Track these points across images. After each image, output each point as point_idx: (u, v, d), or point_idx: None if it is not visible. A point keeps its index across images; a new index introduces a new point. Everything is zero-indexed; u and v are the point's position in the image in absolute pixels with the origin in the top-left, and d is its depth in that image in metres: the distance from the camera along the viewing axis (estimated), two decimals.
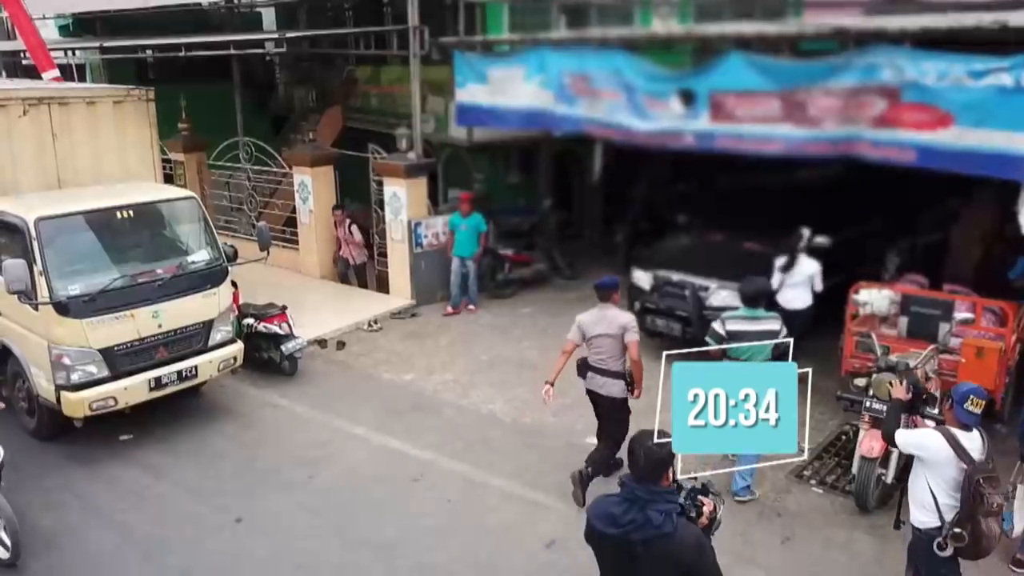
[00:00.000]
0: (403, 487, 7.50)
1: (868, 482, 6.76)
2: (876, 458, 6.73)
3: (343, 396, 9.46)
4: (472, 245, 11.91)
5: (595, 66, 10.32)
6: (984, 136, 7.48)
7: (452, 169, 15.66)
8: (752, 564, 6.32)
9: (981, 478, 4.71)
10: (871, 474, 6.75)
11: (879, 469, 6.81)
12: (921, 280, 8.95)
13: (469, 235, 11.89)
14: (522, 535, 6.73)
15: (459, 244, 11.89)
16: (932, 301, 7.60)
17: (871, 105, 8.23)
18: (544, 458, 8.01)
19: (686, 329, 9.97)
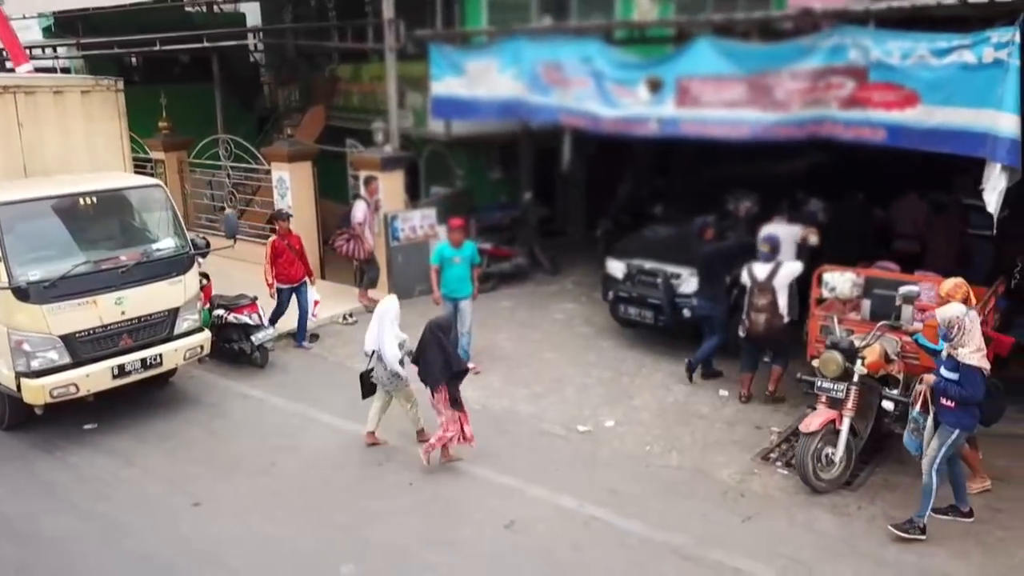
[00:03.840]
0: (367, 472, 7.45)
1: (805, 457, 6.72)
2: (814, 432, 6.69)
3: (314, 386, 9.39)
4: (468, 282, 9.55)
5: (567, 55, 10.31)
6: (950, 114, 7.47)
7: (433, 165, 15.63)
8: (711, 543, 6.25)
9: None
10: (808, 448, 6.71)
11: (828, 448, 6.78)
12: (891, 266, 8.89)
13: (463, 269, 9.49)
14: (482, 516, 6.67)
15: (450, 282, 9.48)
16: (894, 284, 7.54)
17: (839, 86, 8.22)
18: (513, 443, 7.96)
19: (658, 317, 9.93)
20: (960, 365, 5.85)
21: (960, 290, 6.30)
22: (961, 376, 5.84)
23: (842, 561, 6.05)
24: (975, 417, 6.04)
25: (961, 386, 5.86)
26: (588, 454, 7.74)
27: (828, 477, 6.81)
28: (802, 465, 6.73)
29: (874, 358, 6.69)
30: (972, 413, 6.00)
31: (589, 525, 6.54)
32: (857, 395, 6.69)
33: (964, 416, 5.98)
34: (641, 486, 7.14)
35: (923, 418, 6.19)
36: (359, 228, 11.76)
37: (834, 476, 6.81)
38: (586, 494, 6.95)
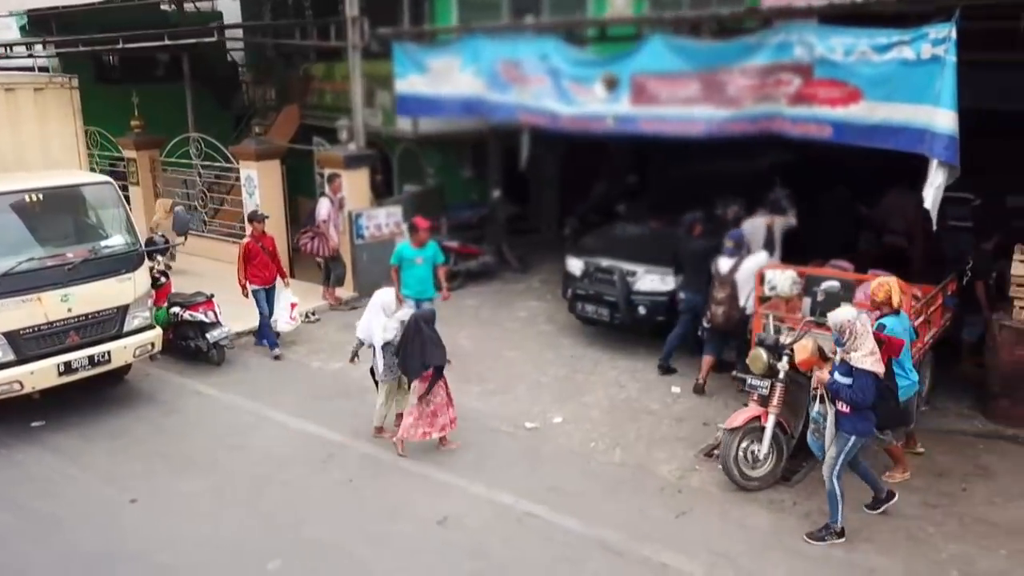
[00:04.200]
0: (311, 468, 7.45)
1: (728, 454, 6.74)
2: (736, 429, 6.71)
3: (269, 384, 9.41)
4: (432, 283, 9.33)
5: (526, 53, 10.33)
6: (892, 110, 7.49)
7: (406, 164, 15.64)
8: (642, 538, 6.26)
9: None
10: (731, 445, 6.73)
11: (753, 445, 6.79)
12: (844, 265, 8.89)
13: (425, 270, 9.30)
14: (418, 512, 6.68)
15: (413, 283, 9.28)
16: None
17: (787, 83, 8.24)
18: (457, 440, 7.95)
19: (614, 314, 9.94)
20: (853, 369, 5.83)
21: (883, 289, 6.33)
22: (854, 380, 5.82)
23: (769, 556, 6.06)
24: (871, 421, 6.02)
25: (852, 390, 5.83)
26: (532, 451, 7.75)
27: (756, 475, 6.81)
28: (726, 462, 6.74)
29: (805, 355, 6.67)
30: (867, 418, 5.97)
31: (523, 521, 6.55)
32: (783, 392, 6.69)
33: (859, 421, 5.94)
34: (581, 482, 7.14)
35: (822, 417, 6.18)
36: (323, 226, 11.77)
37: (763, 474, 6.80)
38: (524, 490, 6.96)
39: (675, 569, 5.92)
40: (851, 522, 6.43)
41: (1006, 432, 7.97)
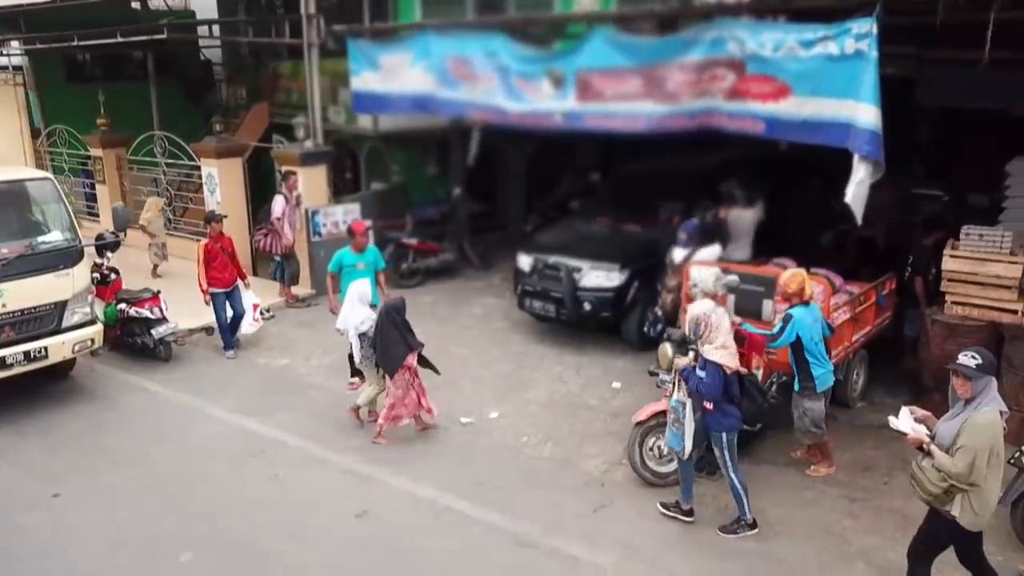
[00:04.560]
0: (239, 463, 7.46)
1: (632, 447, 6.78)
2: (640, 423, 6.75)
3: (214, 380, 9.42)
4: (373, 289, 8.62)
5: (474, 49, 10.34)
6: (819, 105, 7.51)
7: (373, 161, 15.66)
8: (556, 532, 6.28)
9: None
10: (634, 439, 6.77)
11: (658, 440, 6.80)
12: (787, 263, 8.88)
13: (368, 276, 8.67)
14: (338, 506, 6.69)
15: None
16: (756, 278, 7.53)
17: (722, 78, 8.26)
18: (392, 435, 7.96)
19: (560, 310, 9.96)
20: (706, 362, 5.88)
21: (795, 281, 6.36)
22: (706, 372, 5.87)
23: (680, 549, 6.08)
24: (735, 417, 6.04)
25: (702, 381, 5.89)
26: (464, 445, 7.77)
27: (665, 470, 6.80)
28: (631, 457, 6.76)
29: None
30: (729, 412, 6.00)
31: (441, 515, 6.57)
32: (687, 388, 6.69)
33: (723, 417, 5.99)
34: (507, 477, 7.16)
35: (681, 406, 6.20)
36: (277, 223, 11.78)
37: (671, 469, 6.79)
38: (448, 485, 6.98)
39: (585, 562, 5.94)
40: (769, 515, 6.47)
41: None
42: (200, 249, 9.76)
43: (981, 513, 4.72)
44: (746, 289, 7.37)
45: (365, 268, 8.91)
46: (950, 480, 4.63)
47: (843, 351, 7.71)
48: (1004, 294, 7.72)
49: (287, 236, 11.80)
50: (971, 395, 4.68)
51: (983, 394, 4.68)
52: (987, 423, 4.62)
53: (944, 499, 4.75)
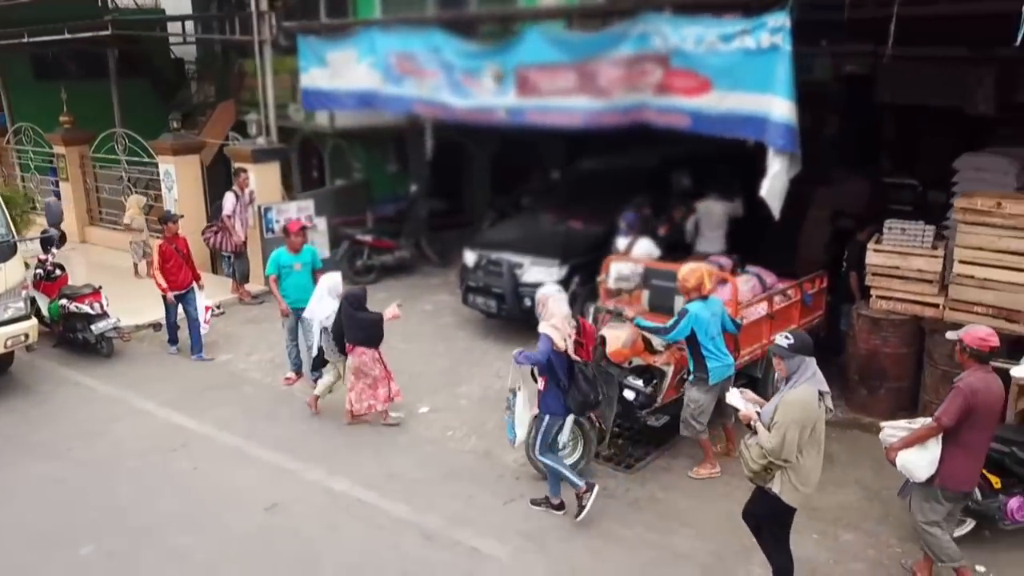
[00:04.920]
0: (160, 457, 7.48)
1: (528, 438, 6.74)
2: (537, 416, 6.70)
3: (152, 375, 9.44)
4: (312, 289, 8.48)
5: (418, 46, 10.34)
6: (738, 99, 7.50)
7: (337, 159, 15.68)
8: (461, 524, 6.30)
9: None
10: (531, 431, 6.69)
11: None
12: (724, 262, 8.89)
13: (304, 277, 8.73)
14: (251, 499, 6.71)
15: (291, 291, 8.72)
16: (669, 274, 7.55)
17: (650, 73, 8.25)
18: (317, 429, 8.04)
19: (501, 306, 9.98)
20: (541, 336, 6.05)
21: (694, 276, 6.39)
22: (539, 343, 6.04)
23: (581, 540, 6.10)
24: (560, 402, 6.13)
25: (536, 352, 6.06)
26: (388, 440, 7.78)
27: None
28: (527, 450, 6.76)
29: (616, 346, 6.72)
30: (555, 396, 6.11)
31: (351, 508, 6.58)
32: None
33: (549, 399, 6.13)
34: (424, 470, 7.17)
35: (512, 395, 6.32)
36: (228, 221, 11.78)
37: (570, 464, 6.74)
38: (363, 478, 7.00)
39: (483, 553, 5.96)
40: (680, 507, 6.51)
41: (863, 420, 7.96)
42: (155, 251, 9.72)
43: (801, 489, 4.87)
44: (659, 285, 7.38)
45: (302, 268, 8.78)
46: (768, 457, 4.75)
47: (760, 349, 7.69)
48: (926, 288, 7.73)
49: (238, 234, 11.81)
50: (787, 374, 4.83)
51: (798, 373, 4.80)
52: (797, 400, 4.75)
53: (764, 476, 4.89)
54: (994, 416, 5.19)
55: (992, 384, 5.14)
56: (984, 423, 5.12)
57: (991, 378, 5.16)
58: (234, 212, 11.75)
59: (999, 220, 7.23)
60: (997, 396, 5.15)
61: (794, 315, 8.15)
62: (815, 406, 4.78)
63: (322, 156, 16.13)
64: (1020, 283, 7.20)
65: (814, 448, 4.84)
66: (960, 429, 5.09)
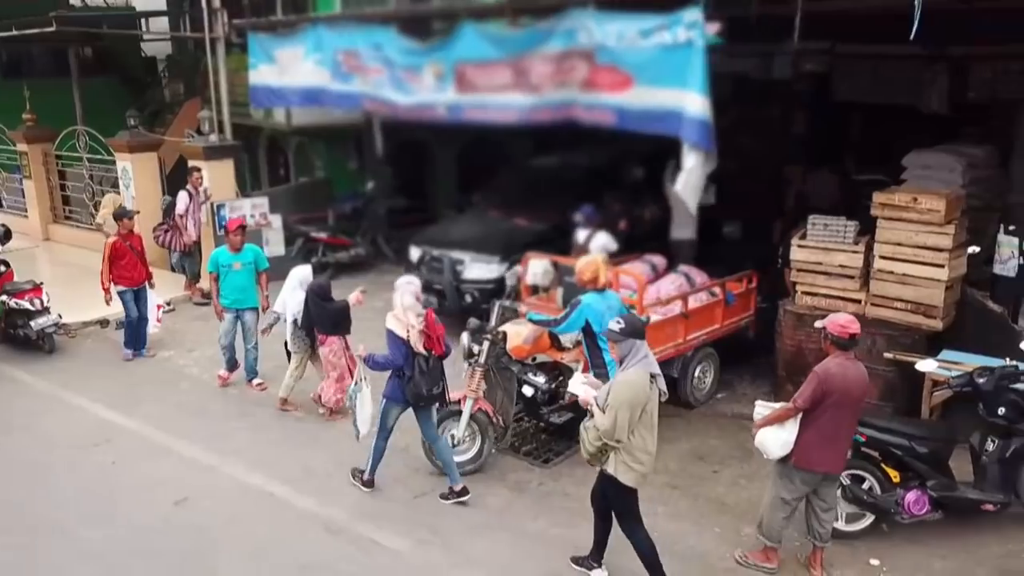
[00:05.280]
0: (80, 452, 7.50)
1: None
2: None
3: (92, 371, 9.46)
4: (253, 291, 8.72)
5: (362, 42, 10.35)
6: (657, 95, 7.48)
7: (301, 156, 15.72)
8: (366, 518, 6.32)
9: None
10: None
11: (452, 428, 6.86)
12: (655, 261, 8.91)
13: (243, 277, 8.66)
14: (162, 493, 6.72)
15: (231, 291, 8.65)
16: None
17: (577, 69, 8.23)
18: (247, 423, 8.07)
19: (442, 302, 9.99)
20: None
21: (589, 268, 6.42)
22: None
23: (485, 534, 6.12)
24: (399, 389, 6.26)
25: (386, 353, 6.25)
26: (311, 434, 7.81)
27: (460, 459, 6.80)
28: (423, 443, 6.79)
29: (517, 342, 6.74)
30: (396, 384, 6.27)
31: (260, 501, 6.61)
32: (480, 377, 6.74)
33: (390, 385, 6.35)
34: (339, 464, 7.15)
35: (357, 390, 6.50)
36: (180, 220, 11.76)
37: (464, 459, 6.81)
38: (279, 471, 7.03)
39: (383, 546, 5.98)
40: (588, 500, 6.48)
41: None
42: (107, 246, 9.50)
43: (636, 468, 5.03)
44: (571, 282, 7.40)
45: (242, 268, 8.64)
46: (603, 438, 4.91)
47: (674, 348, 7.68)
48: (848, 284, 7.75)
49: (189, 233, 11.76)
50: (619, 357, 5.00)
51: (630, 356, 4.98)
52: (627, 382, 4.92)
53: (601, 457, 5.05)
54: (852, 402, 5.27)
55: (849, 370, 5.23)
56: (840, 407, 5.21)
57: (850, 364, 5.25)
58: (187, 211, 11.73)
59: (915, 215, 7.25)
60: (854, 382, 5.23)
61: (717, 315, 8.14)
62: (646, 388, 4.94)
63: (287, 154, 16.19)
64: (936, 278, 7.22)
65: (647, 428, 4.99)
66: (816, 412, 5.21)
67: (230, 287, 8.67)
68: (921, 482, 5.95)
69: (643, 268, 8.51)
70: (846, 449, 5.47)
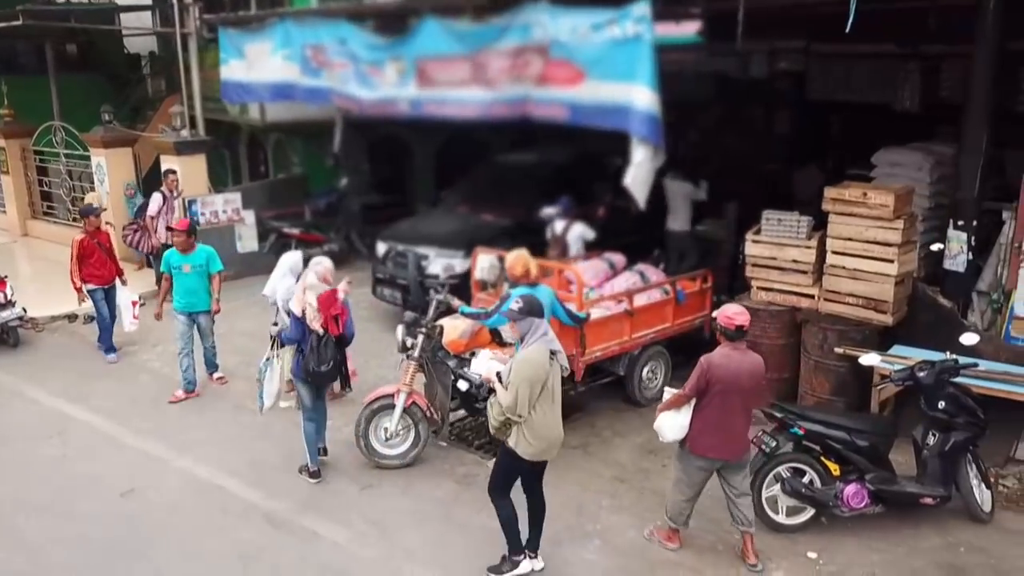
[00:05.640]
0: (31, 444, 7.51)
1: (358, 427, 6.88)
2: (367, 404, 6.87)
3: (55, 365, 9.47)
4: (205, 294, 8.45)
5: (328, 37, 10.35)
6: (608, 89, 7.47)
7: (279, 154, 15.73)
8: (310, 510, 6.35)
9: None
10: (360, 419, 6.88)
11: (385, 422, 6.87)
12: (614, 258, 8.90)
13: (194, 280, 8.38)
14: (107, 485, 6.74)
15: (182, 294, 8.38)
16: None
17: (531, 64, 8.23)
18: (203, 418, 8.08)
19: (407, 297, 10.00)
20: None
21: (519, 263, 6.44)
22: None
23: (427, 526, 6.14)
24: (299, 365, 6.43)
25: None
26: (263, 428, 7.77)
27: (390, 452, 6.83)
28: (356, 436, 6.80)
29: (453, 336, 6.75)
30: (297, 361, 6.44)
31: (206, 493, 6.62)
32: (414, 370, 6.75)
33: (295, 362, 6.51)
34: (291, 459, 7.14)
35: (268, 365, 6.64)
36: (150, 222, 11.67)
37: (398, 452, 6.83)
38: (226, 465, 7.04)
39: (323, 538, 6.00)
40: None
41: None
42: (74, 244, 9.25)
43: (535, 443, 5.16)
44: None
45: (192, 271, 8.31)
46: (506, 413, 5.07)
47: (618, 346, 7.65)
48: (801, 279, 7.75)
49: (158, 236, 11.60)
50: (520, 336, 5.17)
51: (530, 334, 5.12)
52: (527, 360, 5.08)
53: (504, 432, 5.21)
54: (740, 390, 5.38)
55: (734, 359, 5.36)
56: (728, 396, 5.35)
57: (737, 354, 5.38)
58: (159, 213, 11.58)
59: (865, 210, 7.25)
60: (741, 371, 5.35)
61: (667, 313, 8.10)
62: (545, 364, 5.08)
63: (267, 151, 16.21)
64: (886, 273, 7.22)
65: (547, 404, 5.13)
66: (704, 400, 5.40)
67: (181, 289, 8.42)
68: (860, 476, 5.96)
69: (601, 266, 8.50)
70: (740, 437, 5.54)
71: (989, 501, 6.18)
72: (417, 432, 6.84)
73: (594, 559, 5.76)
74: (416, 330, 6.80)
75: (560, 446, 5.43)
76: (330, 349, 6.44)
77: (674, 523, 5.79)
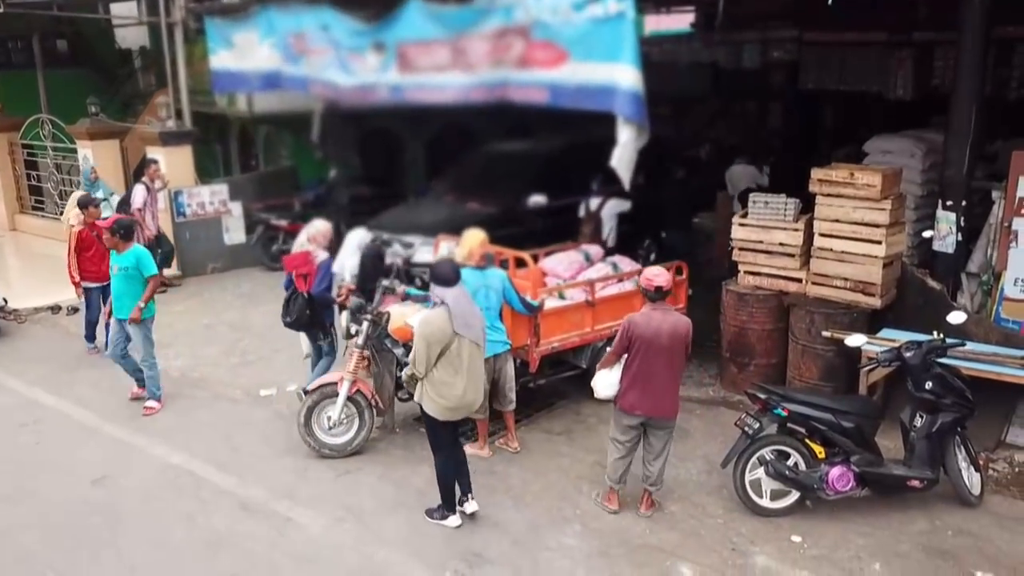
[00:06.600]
0: (6, 432, 7.39)
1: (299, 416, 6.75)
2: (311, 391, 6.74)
3: (35, 356, 9.35)
4: (131, 299, 7.51)
5: (309, 24, 10.23)
6: (591, 69, 7.35)
7: (269, 146, 15.61)
8: (284, 497, 6.22)
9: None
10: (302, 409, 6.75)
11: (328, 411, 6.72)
12: (591, 250, 8.75)
13: (122, 282, 7.54)
14: (80, 472, 6.62)
15: (113, 296, 7.73)
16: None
17: (513, 47, 8.11)
18: (180, 406, 7.93)
19: None
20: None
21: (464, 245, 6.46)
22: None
23: (402, 513, 6.00)
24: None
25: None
26: (245, 416, 7.69)
27: (333, 441, 6.68)
28: (298, 426, 6.67)
29: (399, 323, 6.63)
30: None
31: (179, 480, 6.50)
32: (358, 358, 6.63)
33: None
34: (268, 445, 7.05)
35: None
36: (138, 214, 11.49)
37: (342, 441, 6.69)
38: (202, 452, 6.92)
39: (296, 523, 5.88)
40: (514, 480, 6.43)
41: (732, 398, 7.87)
42: (72, 236, 8.83)
43: (439, 401, 5.44)
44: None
45: (119, 272, 7.53)
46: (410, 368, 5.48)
47: (579, 337, 7.38)
48: (788, 262, 7.62)
49: (148, 227, 11.44)
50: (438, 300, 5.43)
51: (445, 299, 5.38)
52: (425, 319, 5.42)
53: (412, 386, 5.56)
54: (661, 349, 5.52)
55: (654, 319, 5.54)
56: (649, 354, 5.52)
57: (657, 314, 5.57)
58: (144, 205, 11.39)
59: (852, 191, 7.12)
60: (662, 330, 5.50)
61: (635, 305, 7.82)
62: (444, 328, 5.32)
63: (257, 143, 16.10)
64: (873, 255, 7.10)
65: (450, 367, 5.36)
66: (629, 358, 5.61)
67: (112, 292, 7.78)
68: (846, 458, 5.82)
69: (576, 257, 8.33)
70: (664, 395, 5.65)
71: (978, 484, 6.04)
72: (362, 420, 6.69)
73: (574, 543, 5.63)
74: (361, 317, 6.67)
75: (472, 410, 5.71)
76: (298, 304, 7.00)
77: (611, 482, 5.93)
